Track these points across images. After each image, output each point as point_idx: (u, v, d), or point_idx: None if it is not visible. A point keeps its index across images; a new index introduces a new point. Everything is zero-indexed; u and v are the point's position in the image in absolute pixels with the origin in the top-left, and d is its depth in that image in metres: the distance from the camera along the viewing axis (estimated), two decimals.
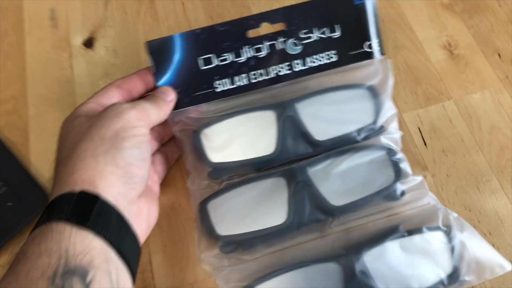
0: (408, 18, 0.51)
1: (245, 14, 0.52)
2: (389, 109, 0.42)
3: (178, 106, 0.41)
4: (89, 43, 0.52)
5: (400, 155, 0.40)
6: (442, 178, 0.43)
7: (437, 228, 0.37)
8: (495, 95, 0.46)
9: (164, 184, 0.44)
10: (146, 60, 0.50)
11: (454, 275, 0.36)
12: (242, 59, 0.41)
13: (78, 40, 0.53)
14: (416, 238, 0.36)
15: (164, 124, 0.40)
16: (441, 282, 0.36)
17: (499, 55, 0.48)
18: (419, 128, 0.45)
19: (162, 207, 0.43)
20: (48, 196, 0.43)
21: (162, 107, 0.38)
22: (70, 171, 0.32)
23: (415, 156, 0.44)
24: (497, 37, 0.49)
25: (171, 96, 0.40)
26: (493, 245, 0.39)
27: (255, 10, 0.52)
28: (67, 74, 0.51)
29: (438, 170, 0.43)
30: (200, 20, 0.52)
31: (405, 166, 0.40)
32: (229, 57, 0.41)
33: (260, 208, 0.39)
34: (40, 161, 0.46)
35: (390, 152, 0.40)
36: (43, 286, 0.25)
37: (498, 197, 0.41)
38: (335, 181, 0.39)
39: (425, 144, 0.44)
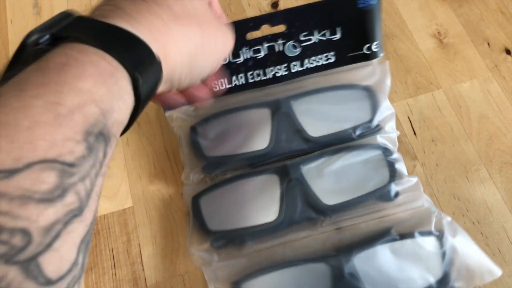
0: (398, 6, 0.50)
1: (243, 3, 0.51)
2: (386, 108, 0.41)
3: (176, 104, 0.40)
4: None
5: (396, 155, 0.40)
6: (431, 168, 0.43)
7: (429, 233, 0.36)
8: (484, 84, 0.46)
9: (154, 175, 0.43)
10: None
11: (443, 281, 0.35)
12: (240, 60, 0.41)
13: None
14: (408, 242, 0.36)
15: None
16: (430, 287, 0.35)
17: (488, 44, 0.48)
18: (408, 118, 0.45)
19: (152, 198, 0.43)
20: None
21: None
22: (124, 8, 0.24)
23: (405, 146, 0.44)
24: (487, 26, 0.49)
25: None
26: (481, 233, 0.40)
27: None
28: None
29: (427, 160, 0.43)
30: None
31: (400, 166, 0.40)
32: (228, 58, 0.41)
33: (252, 204, 0.39)
34: None
35: (386, 151, 0.40)
36: (75, 138, 0.19)
37: (487, 186, 0.42)
38: (329, 179, 0.39)
39: (414, 133, 0.44)
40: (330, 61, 0.42)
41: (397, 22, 0.50)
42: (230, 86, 0.42)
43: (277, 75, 0.42)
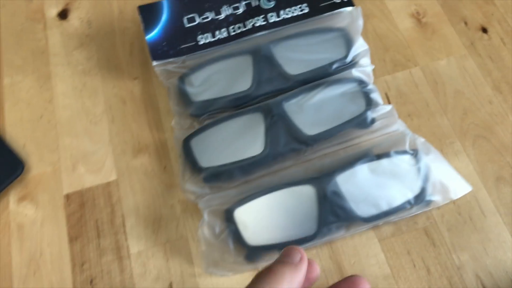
0: None
1: None
2: (360, 45, 0.44)
3: (164, 57, 0.45)
4: (63, 15, 0.53)
5: (371, 86, 0.43)
6: None
7: (404, 152, 0.39)
8: (461, 61, 0.47)
9: (138, 150, 0.45)
10: (120, 30, 0.51)
11: (420, 195, 0.38)
12: (222, 16, 0.47)
13: (52, 11, 0.53)
14: (385, 161, 0.39)
15: None
16: (408, 202, 0.38)
17: (465, 23, 0.49)
18: (386, 94, 0.46)
19: (136, 172, 0.44)
20: (24, 162, 0.44)
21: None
22: None
23: None
24: (465, 6, 0.50)
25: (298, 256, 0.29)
26: (453, 203, 0.41)
27: None
28: (41, 45, 0.51)
29: None
30: None
31: (375, 96, 0.42)
32: (210, 16, 0.47)
33: (238, 142, 0.42)
34: (14, 129, 0.47)
35: (361, 83, 0.43)
36: None
37: (460, 158, 0.43)
38: (309, 112, 0.42)
39: None
40: (304, 11, 0.46)
41: (376, 3, 0.51)
42: (214, 39, 0.46)
43: (256, 25, 0.46)
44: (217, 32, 0.46)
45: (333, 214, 0.38)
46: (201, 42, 0.46)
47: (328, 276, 0.39)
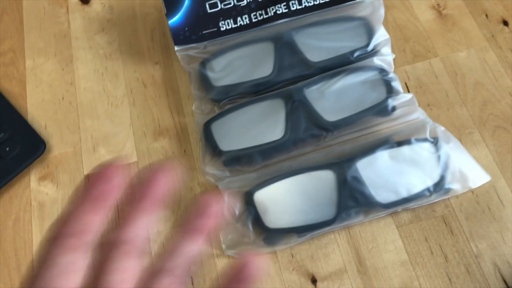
0: None
1: None
2: (381, 35, 0.45)
3: (186, 42, 0.46)
4: None
5: (392, 75, 0.43)
6: None
7: (425, 140, 0.40)
8: (481, 53, 0.47)
9: (159, 133, 0.45)
10: (141, 15, 0.52)
11: (439, 183, 0.39)
12: (244, 2, 0.46)
13: None
14: (405, 148, 0.40)
15: None
16: (427, 189, 0.39)
17: (486, 15, 0.49)
18: (406, 83, 0.46)
19: (156, 154, 0.44)
20: (45, 142, 0.45)
21: None
22: None
23: None
24: None
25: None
26: (472, 192, 0.41)
27: None
28: (64, 29, 0.52)
29: None
30: None
31: (396, 84, 0.43)
32: (232, 2, 0.46)
33: (259, 126, 0.42)
34: (36, 110, 0.47)
35: (382, 71, 0.43)
36: None
37: (479, 148, 0.43)
38: (330, 99, 0.42)
39: None
40: (326, 0, 0.46)
41: None
42: (235, 26, 0.46)
43: (278, 12, 0.46)
44: (238, 19, 0.47)
45: (352, 199, 0.38)
46: (223, 28, 0.46)
47: (346, 261, 0.39)
